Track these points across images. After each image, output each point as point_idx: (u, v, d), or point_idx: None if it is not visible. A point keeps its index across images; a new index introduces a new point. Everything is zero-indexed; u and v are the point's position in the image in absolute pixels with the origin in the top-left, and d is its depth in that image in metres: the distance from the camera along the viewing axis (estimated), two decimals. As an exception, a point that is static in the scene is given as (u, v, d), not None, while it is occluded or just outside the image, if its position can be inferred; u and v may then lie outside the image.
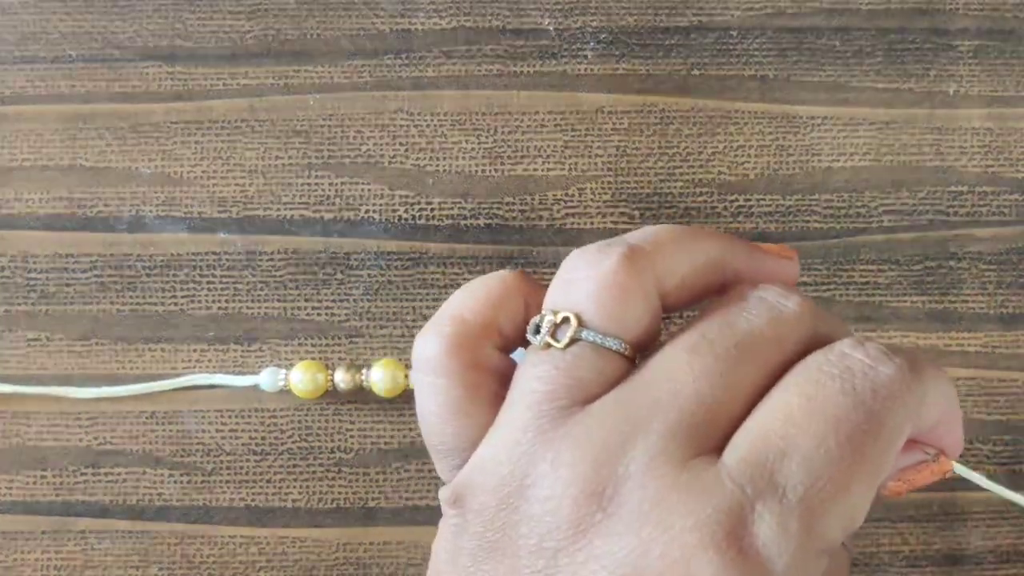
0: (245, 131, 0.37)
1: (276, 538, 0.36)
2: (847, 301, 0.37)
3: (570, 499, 0.22)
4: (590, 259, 0.25)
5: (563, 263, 0.26)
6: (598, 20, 0.37)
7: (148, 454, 0.36)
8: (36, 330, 0.37)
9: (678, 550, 0.21)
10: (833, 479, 0.22)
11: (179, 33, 0.37)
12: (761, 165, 0.37)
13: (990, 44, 0.37)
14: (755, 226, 0.37)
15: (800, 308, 0.25)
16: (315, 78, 0.37)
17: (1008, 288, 0.37)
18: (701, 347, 0.24)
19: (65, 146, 0.37)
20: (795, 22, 0.37)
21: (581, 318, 0.25)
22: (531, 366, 0.25)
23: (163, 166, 0.37)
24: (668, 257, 0.26)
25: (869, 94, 0.37)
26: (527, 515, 0.23)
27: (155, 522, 0.36)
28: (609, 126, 0.37)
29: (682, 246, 0.26)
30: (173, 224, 0.37)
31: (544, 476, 0.23)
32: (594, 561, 0.22)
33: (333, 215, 0.37)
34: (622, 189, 0.37)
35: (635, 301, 0.25)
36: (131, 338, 0.37)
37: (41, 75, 0.37)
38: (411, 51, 0.37)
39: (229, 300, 0.37)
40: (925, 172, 0.37)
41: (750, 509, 0.22)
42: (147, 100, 0.37)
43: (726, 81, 0.37)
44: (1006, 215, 0.37)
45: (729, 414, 0.23)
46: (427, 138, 0.37)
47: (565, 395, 0.24)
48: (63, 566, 0.36)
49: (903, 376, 0.24)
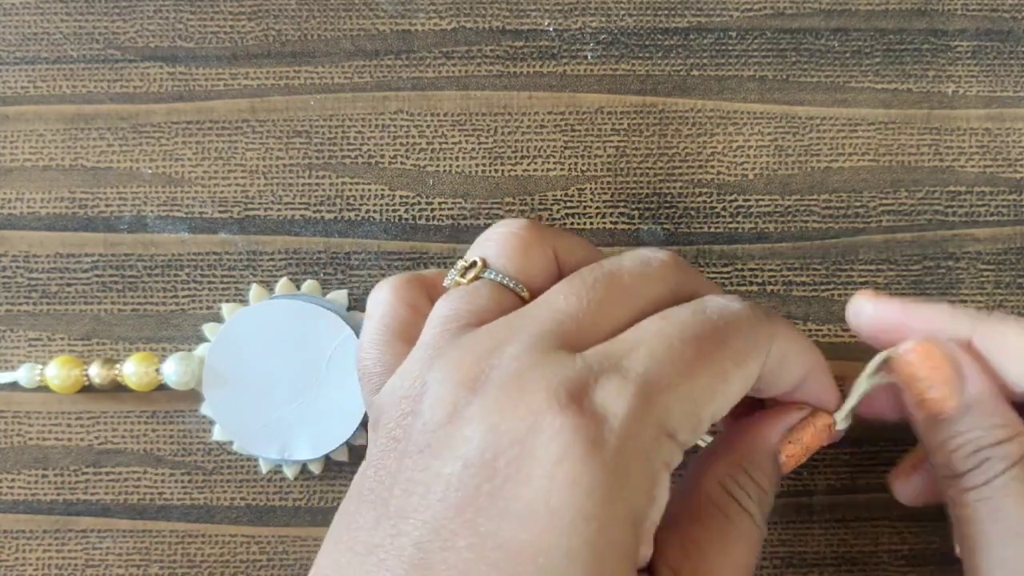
0: (246, 131, 0.37)
1: (277, 537, 0.36)
2: (846, 301, 0.37)
3: (448, 390, 0.25)
4: (500, 222, 0.30)
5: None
6: (598, 21, 0.38)
7: (149, 453, 0.37)
8: (37, 330, 0.37)
9: (528, 411, 0.24)
10: (674, 365, 0.25)
11: (180, 34, 0.38)
12: (760, 165, 0.37)
13: (988, 45, 0.37)
14: (754, 226, 0.37)
15: (667, 258, 0.28)
16: (316, 79, 0.37)
17: (1006, 288, 0.37)
18: (574, 279, 0.27)
19: (66, 146, 0.37)
20: (794, 23, 0.38)
21: (486, 261, 0.29)
22: (441, 299, 0.28)
23: (164, 166, 0.37)
24: (568, 237, 0.30)
25: (868, 94, 0.37)
26: (418, 415, 0.26)
27: (156, 521, 0.36)
28: (609, 126, 0.37)
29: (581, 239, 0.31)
30: (174, 224, 0.37)
31: (432, 381, 0.26)
32: (465, 431, 0.25)
33: (334, 215, 0.37)
34: (621, 189, 0.37)
35: (534, 253, 0.29)
36: (132, 338, 0.37)
37: (42, 75, 0.37)
38: (411, 52, 0.37)
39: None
40: (924, 172, 0.37)
41: (594, 380, 0.25)
42: (148, 100, 0.37)
43: (725, 82, 0.37)
44: (1004, 215, 0.37)
45: (597, 328, 0.26)
46: (427, 138, 0.37)
47: (463, 317, 0.27)
48: (64, 565, 0.36)
49: (751, 312, 0.27)
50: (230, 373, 0.36)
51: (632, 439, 0.24)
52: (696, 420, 0.26)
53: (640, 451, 0.25)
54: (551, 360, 0.25)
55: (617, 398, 0.25)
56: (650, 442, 0.25)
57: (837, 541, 0.36)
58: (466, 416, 0.25)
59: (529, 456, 0.24)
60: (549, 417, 0.24)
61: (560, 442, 0.24)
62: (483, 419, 0.24)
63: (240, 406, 0.35)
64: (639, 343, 0.26)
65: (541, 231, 0.29)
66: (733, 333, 0.27)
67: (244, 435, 0.36)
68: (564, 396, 0.24)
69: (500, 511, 0.24)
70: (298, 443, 0.35)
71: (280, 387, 0.35)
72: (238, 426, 0.36)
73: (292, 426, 0.35)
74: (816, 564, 0.36)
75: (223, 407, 0.36)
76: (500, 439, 0.24)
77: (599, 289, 0.27)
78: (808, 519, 0.36)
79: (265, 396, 0.36)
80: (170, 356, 0.36)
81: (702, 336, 0.26)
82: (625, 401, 0.24)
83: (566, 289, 0.27)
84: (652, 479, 0.25)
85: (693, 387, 0.25)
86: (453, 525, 0.24)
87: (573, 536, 0.23)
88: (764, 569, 0.36)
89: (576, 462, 0.24)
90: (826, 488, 0.36)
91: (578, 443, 0.24)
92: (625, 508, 0.24)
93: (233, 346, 0.36)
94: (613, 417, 0.24)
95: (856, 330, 0.32)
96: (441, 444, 0.25)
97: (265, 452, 0.36)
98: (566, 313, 0.26)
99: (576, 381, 0.25)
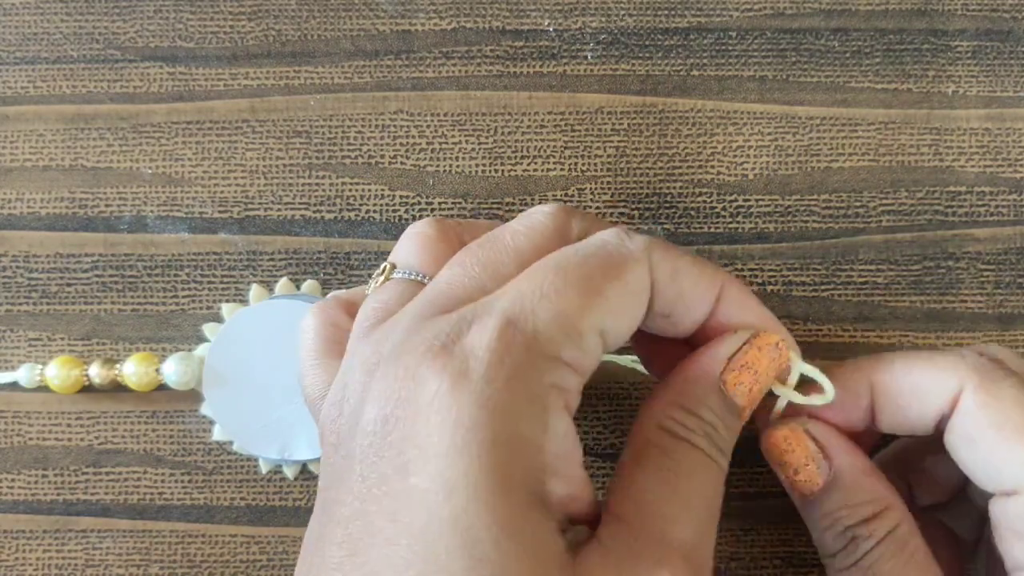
0: (246, 131, 0.37)
1: (277, 537, 0.36)
2: (846, 301, 0.37)
3: (358, 382, 0.27)
4: (411, 226, 0.31)
5: None
6: (598, 21, 0.38)
7: (149, 453, 0.37)
8: (38, 330, 0.37)
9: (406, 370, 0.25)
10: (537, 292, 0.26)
11: (180, 34, 0.38)
12: (760, 165, 0.37)
13: (988, 45, 0.37)
14: (754, 226, 0.37)
15: (552, 209, 0.29)
16: (316, 79, 0.37)
17: (1006, 288, 0.37)
18: (461, 252, 0.29)
19: (66, 146, 0.37)
20: (794, 23, 0.38)
21: (395, 264, 0.30)
22: (360, 309, 0.29)
23: (164, 166, 0.37)
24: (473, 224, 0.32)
25: (868, 95, 0.37)
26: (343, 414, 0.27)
27: (156, 521, 0.36)
28: (609, 126, 0.37)
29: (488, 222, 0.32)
30: (174, 224, 0.37)
31: (349, 377, 0.27)
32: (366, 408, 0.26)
33: (334, 215, 0.37)
34: (621, 189, 0.37)
35: (438, 246, 0.30)
36: (132, 338, 0.37)
37: (43, 75, 0.37)
38: (411, 52, 0.37)
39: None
40: (923, 172, 0.37)
41: (467, 327, 0.26)
42: (148, 100, 0.37)
43: (725, 82, 0.37)
44: (1004, 215, 0.37)
45: (480, 290, 0.27)
46: (427, 138, 0.37)
47: (373, 316, 0.29)
48: (64, 565, 0.36)
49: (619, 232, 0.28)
50: (230, 373, 0.36)
51: (499, 365, 0.25)
52: (575, 333, 0.26)
53: (516, 376, 0.25)
54: (429, 323, 0.26)
55: (481, 334, 0.25)
56: (527, 367, 0.25)
57: (837, 541, 0.36)
58: (368, 397, 0.26)
59: (413, 407, 0.25)
60: (423, 368, 0.25)
61: (433, 387, 0.25)
62: (379, 391, 0.26)
63: (240, 406, 0.36)
64: (509, 287, 0.27)
65: (444, 225, 0.31)
66: (597, 252, 0.27)
67: (244, 435, 0.36)
68: (437, 346, 0.25)
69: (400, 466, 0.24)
70: (298, 443, 0.36)
71: (280, 387, 0.35)
72: (238, 426, 0.36)
73: (292, 426, 0.35)
74: (816, 564, 0.36)
75: (223, 407, 0.36)
76: (392, 403, 0.25)
77: (480, 253, 0.28)
78: (808, 519, 0.36)
79: (265, 396, 0.36)
80: (170, 356, 0.36)
81: (565, 263, 0.27)
82: (488, 332, 0.25)
83: (452, 261, 0.28)
84: (540, 405, 0.25)
85: (561, 305, 0.26)
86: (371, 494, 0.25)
87: (449, 469, 0.24)
88: (764, 569, 0.36)
89: (444, 396, 0.25)
90: (826, 488, 0.36)
91: (445, 380, 0.25)
92: (505, 434, 0.25)
93: (233, 346, 0.36)
94: (477, 348, 0.25)
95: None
96: (354, 427, 0.26)
97: (265, 452, 0.36)
98: (448, 282, 0.28)
99: (449, 332, 0.26)
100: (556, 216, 0.29)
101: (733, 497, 0.36)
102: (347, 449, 0.26)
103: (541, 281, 0.26)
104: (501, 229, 0.29)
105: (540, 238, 0.28)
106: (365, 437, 0.25)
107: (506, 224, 0.29)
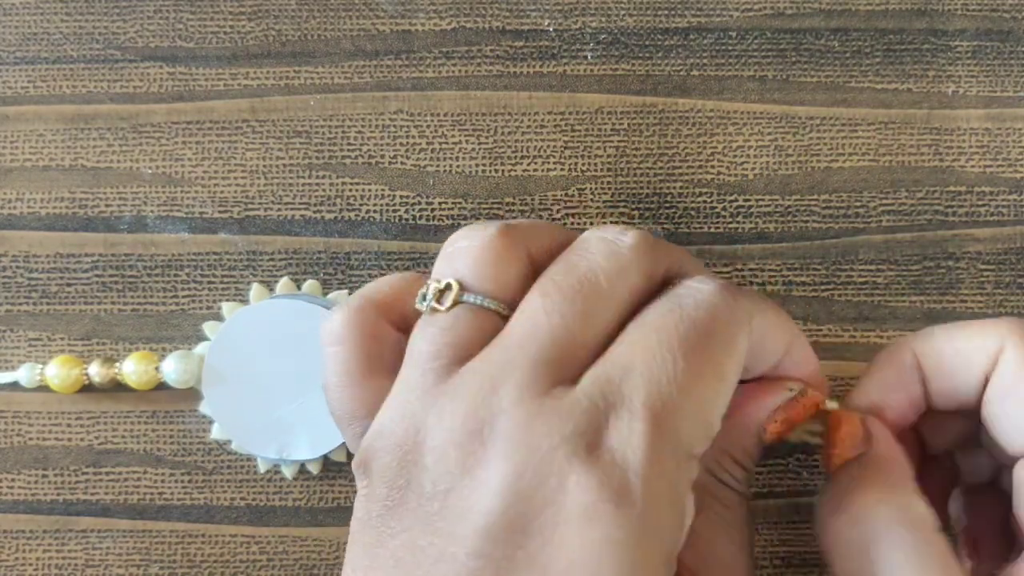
0: (246, 131, 0.37)
1: (277, 537, 0.36)
2: (846, 301, 0.37)
3: (453, 443, 0.24)
4: (470, 233, 0.28)
5: (448, 239, 0.28)
6: (598, 21, 0.38)
7: (149, 453, 0.37)
8: (37, 330, 0.37)
9: (547, 468, 0.24)
10: (673, 382, 0.25)
11: (180, 34, 0.38)
12: (760, 165, 0.37)
13: (988, 45, 0.37)
14: (754, 226, 0.37)
15: (635, 240, 0.27)
16: (316, 79, 0.37)
17: (1006, 288, 0.37)
18: (549, 289, 0.26)
19: (66, 146, 0.37)
20: (794, 23, 0.38)
21: (462, 283, 0.27)
22: (418, 331, 0.27)
23: (164, 166, 0.37)
24: (535, 230, 0.29)
25: (868, 95, 0.37)
26: (422, 467, 0.25)
27: (156, 521, 0.36)
28: (609, 126, 0.37)
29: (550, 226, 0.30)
30: (174, 224, 0.37)
31: (432, 428, 0.25)
32: (479, 491, 0.24)
33: (334, 215, 0.37)
34: (622, 189, 0.37)
35: (509, 265, 0.27)
36: (132, 338, 0.37)
37: (42, 75, 0.37)
38: (411, 52, 0.37)
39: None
40: (924, 172, 0.37)
41: (604, 422, 0.24)
42: (148, 100, 0.37)
43: (725, 82, 0.37)
44: (1004, 215, 0.37)
45: (585, 346, 0.26)
46: (427, 138, 0.37)
47: (447, 353, 0.26)
48: (64, 565, 0.36)
49: (727, 294, 0.26)
50: (230, 372, 0.36)
51: (656, 477, 0.24)
52: (708, 428, 0.26)
53: (666, 485, 0.24)
54: (553, 404, 0.24)
55: (631, 438, 0.24)
56: (674, 472, 0.25)
57: (837, 541, 0.36)
58: (479, 475, 0.24)
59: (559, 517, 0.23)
60: (572, 475, 0.24)
61: (587, 499, 0.23)
62: (501, 478, 0.24)
63: (239, 405, 0.36)
64: (632, 365, 0.25)
65: (512, 237, 0.28)
66: (716, 325, 0.26)
67: (243, 434, 0.36)
68: (581, 448, 0.24)
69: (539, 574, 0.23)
70: (297, 443, 0.35)
71: (280, 387, 0.35)
72: (237, 425, 0.36)
73: (291, 426, 0.35)
74: (816, 564, 0.36)
75: (222, 406, 0.36)
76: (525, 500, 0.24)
77: (578, 301, 0.26)
78: (808, 519, 0.36)
79: (265, 396, 0.36)
80: (170, 354, 0.36)
81: (690, 340, 0.25)
82: (640, 440, 0.24)
83: (546, 305, 0.26)
84: (682, 509, 0.25)
85: (697, 399, 0.25)
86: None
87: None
88: (764, 569, 0.36)
89: (607, 519, 0.23)
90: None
91: (605, 498, 0.23)
92: (663, 547, 0.24)
93: (233, 345, 0.36)
94: (634, 461, 0.24)
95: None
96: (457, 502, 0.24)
97: (264, 451, 0.36)
98: (551, 337, 0.25)
99: (587, 428, 0.24)
100: (643, 253, 0.27)
101: (733, 497, 0.36)
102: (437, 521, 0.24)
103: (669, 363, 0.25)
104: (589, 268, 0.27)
105: (631, 280, 0.27)
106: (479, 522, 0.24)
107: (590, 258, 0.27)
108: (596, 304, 0.26)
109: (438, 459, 0.25)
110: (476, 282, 0.27)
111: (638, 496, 0.24)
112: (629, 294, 0.27)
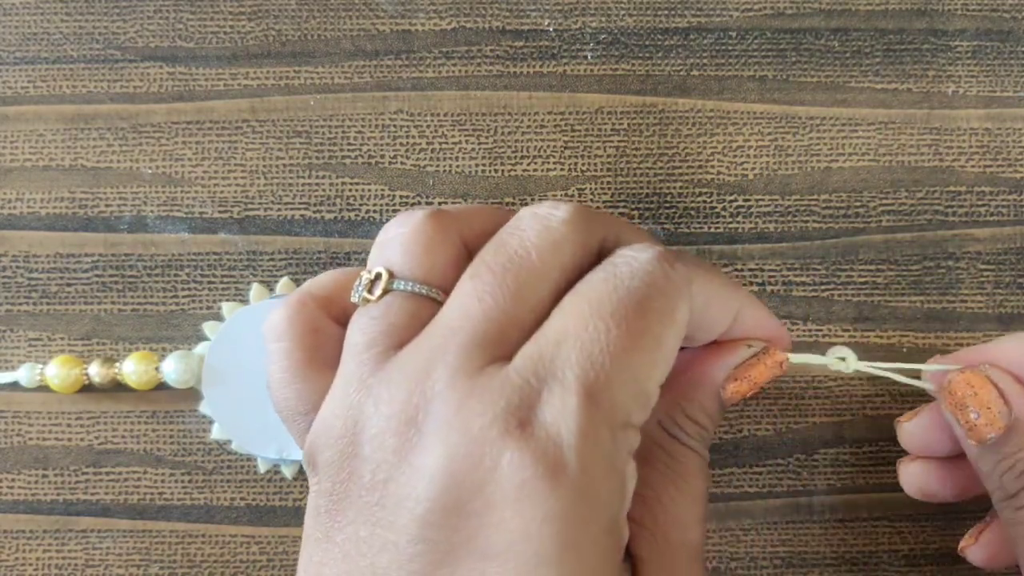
0: (246, 131, 0.37)
1: (277, 537, 0.36)
2: (846, 301, 0.37)
3: (390, 431, 0.24)
4: (401, 220, 0.28)
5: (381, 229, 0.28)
6: (598, 21, 0.38)
7: (149, 453, 0.37)
8: (37, 330, 0.37)
9: (481, 448, 0.23)
10: (606, 352, 0.24)
11: (180, 34, 0.38)
12: (760, 165, 0.37)
13: (988, 45, 0.37)
14: (754, 226, 0.37)
15: (568, 213, 0.27)
16: (316, 79, 0.37)
17: (1006, 288, 0.37)
18: (480, 270, 0.26)
19: (66, 146, 0.37)
20: (794, 23, 0.38)
21: (392, 271, 0.27)
22: (353, 322, 0.27)
23: (164, 166, 0.37)
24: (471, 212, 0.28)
25: (868, 95, 0.37)
26: (362, 458, 0.25)
27: (156, 521, 0.36)
28: (609, 126, 0.37)
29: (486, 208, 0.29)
30: (174, 224, 0.37)
31: (369, 418, 0.25)
32: (416, 478, 0.24)
33: (334, 215, 0.37)
34: (621, 189, 0.37)
35: (441, 248, 0.27)
36: (132, 338, 0.37)
37: (42, 75, 0.37)
38: (411, 52, 0.37)
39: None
40: (923, 172, 0.37)
41: (537, 397, 0.24)
42: (148, 100, 0.37)
43: (725, 82, 0.37)
44: (1004, 215, 0.37)
45: (520, 323, 0.25)
46: (427, 138, 0.37)
47: (382, 341, 0.26)
48: (64, 565, 0.36)
49: (663, 261, 0.26)
50: (229, 372, 0.36)
51: (592, 450, 0.24)
52: (645, 397, 0.25)
53: (602, 456, 0.24)
54: (485, 382, 0.24)
55: (564, 412, 0.24)
56: (610, 444, 0.24)
57: (837, 541, 0.36)
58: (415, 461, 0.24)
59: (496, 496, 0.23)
60: (506, 453, 0.23)
61: (522, 476, 0.23)
62: (436, 462, 0.24)
63: (239, 405, 0.36)
64: (565, 337, 0.25)
65: (441, 221, 0.27)
66: (652, 293, 0.25)
67: (242, 434, 0.36)
68: (513, 425, 0.24)
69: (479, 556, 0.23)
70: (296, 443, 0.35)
71: (280, 387, 0.35)
72: (237, 425, 0.36)
73: (292, 426, 0.35)
74: (816, 564, 0.36)
75: (222, 406, 0.36)
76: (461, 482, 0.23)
77: (509, 280, 0.26)
78: (808, 519, 0.36)
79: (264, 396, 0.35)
80: (170, 354, 0.36)
81: (624, 308, 0.25)
82: (572, 413, 0.24)
83: (476, 286, 0.26)
84: (622, 477, 0.25)
85: (633, 368, 0.25)
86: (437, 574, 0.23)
87: (559, 566, 0.23)
88: (764, 569, 0.36)
89: (543, 494, 0.23)
90: (826, 488, 0.36)
91: (540, 474, 0.23)
92: (603, 517, 0.24)
93: (233, 345, 0.36)
94: (567, 434, 0.24)
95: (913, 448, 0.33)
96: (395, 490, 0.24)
97: (263, 451, 0.36)
98: (484, 317, 0.25)
99: (519, 404, 0.24)
100: (576, 225, 0.27)
101: (733, 497, 0.36)
102: (378, 511, 0.24)
103: (602, 333, 0.24)
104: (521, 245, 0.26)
105: (564, 254, 0.26)
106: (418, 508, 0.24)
107: (523, 235, 0.26)
108: (528, 281, 0.26)
109: (376, 448, 0.25)
110: (406, 269, 0.27)
111: (573, 470, 0.23)
112: (563, 269, 0.26)
